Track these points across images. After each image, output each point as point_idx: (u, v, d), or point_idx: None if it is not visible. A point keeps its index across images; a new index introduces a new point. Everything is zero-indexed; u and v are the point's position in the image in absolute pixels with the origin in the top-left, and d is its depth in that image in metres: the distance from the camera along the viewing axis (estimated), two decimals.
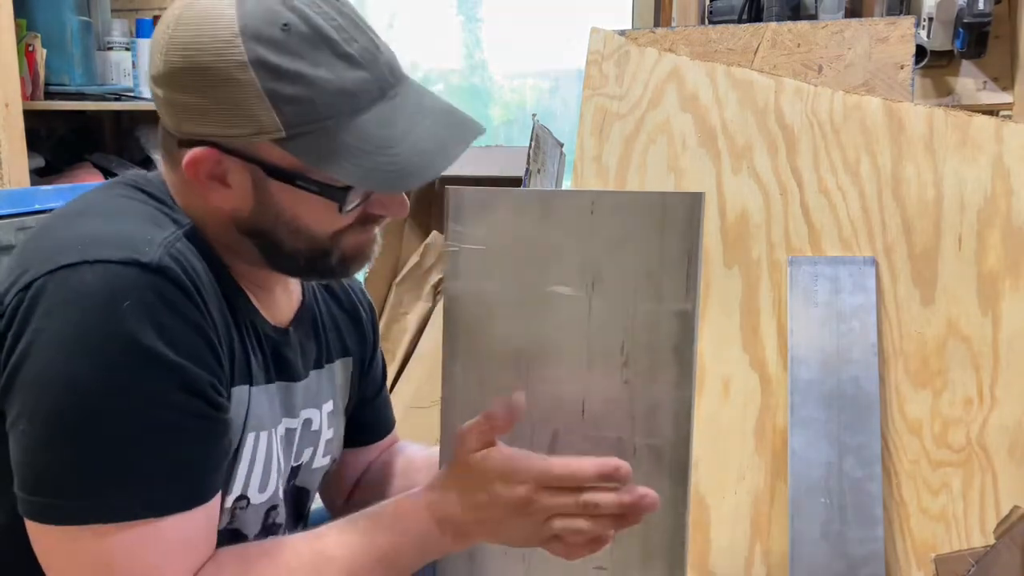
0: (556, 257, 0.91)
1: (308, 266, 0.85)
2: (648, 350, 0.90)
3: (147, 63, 0.81)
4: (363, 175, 0.77)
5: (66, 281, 0.71)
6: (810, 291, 1.39)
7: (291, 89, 0.75)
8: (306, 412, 0.95)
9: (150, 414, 0.72)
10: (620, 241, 0.90)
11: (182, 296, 0.74)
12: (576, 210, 0.91)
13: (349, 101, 0.77)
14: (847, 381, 1.35)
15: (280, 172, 0.78)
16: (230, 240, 0.84)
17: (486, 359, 0.94)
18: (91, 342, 0.70)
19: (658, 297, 0.89)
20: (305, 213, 0.81)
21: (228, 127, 0.76)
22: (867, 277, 1.37)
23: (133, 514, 0.71)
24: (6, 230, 1.75)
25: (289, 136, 0.76)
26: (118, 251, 0.72)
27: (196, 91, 0.76)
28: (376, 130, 0.77)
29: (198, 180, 0.79)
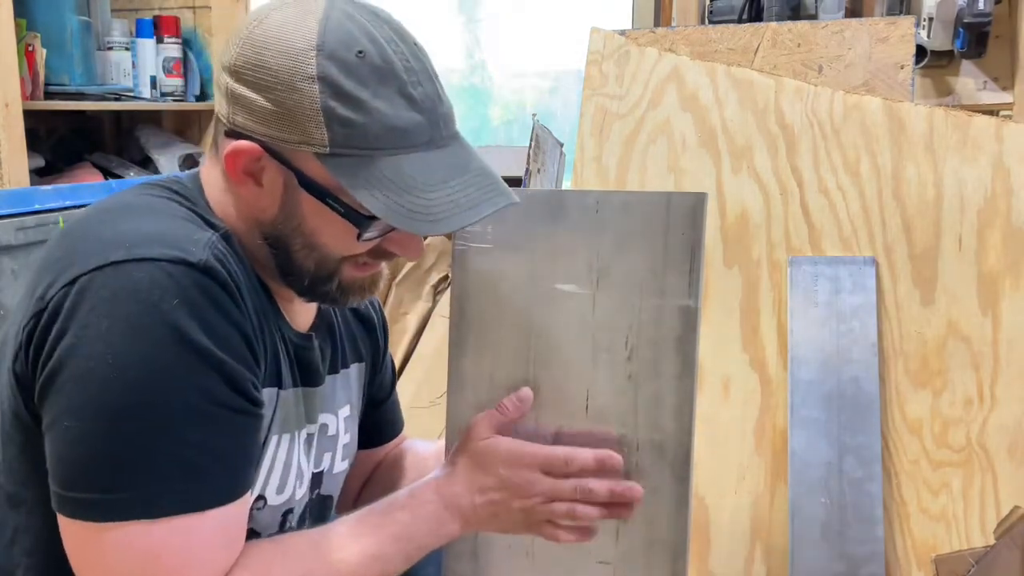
0: (562, 255, 0.93)
1: (310, 287, 0.86)
2: (652, 345, 0.91)
3: (223, 50, 0.84)
4: (389, 209, 0.77)
5: (114, 277, 0.73)
6: (810, 291, 1.39)
7: (347, 111, 0.77)
8: (323, 417, 0.96)
9: (197, 408, 0.73)
10: (625, 240, 0.92)
11: (226, 296, 0.76)
12: (582, 210, 0.93)
13: (398, 138, 0.79)
14: (847, 381, 1.35)
15: (313, 185, 0.80)
16: (252, 245, 0.86)
17: (492, 355, 0.96)
18: (140, 337, 0.72)
19: (662, 293, 0.91)
20: (324, 231, 0.83)
21: (277, 130, 0.79)
22: (867, 277, 1.37)
23: (178, 508, 0.72)
24: (6, 230, 1.75)
25: (331, 154, 0.78)
26: (166, 249, 0.74)
27: (258, 88, 0.79)
28: (414, 172, 0.79)
29: (234, 172, 0.81)
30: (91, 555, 0.74)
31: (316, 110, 0.77)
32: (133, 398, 0.71)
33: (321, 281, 0.86)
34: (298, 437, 0.90)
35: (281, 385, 0.86)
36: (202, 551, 0.74)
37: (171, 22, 2.61)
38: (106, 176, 2.50)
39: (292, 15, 0.79)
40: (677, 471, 0.91)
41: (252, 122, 0.80)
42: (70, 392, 0.72)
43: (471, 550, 0.98)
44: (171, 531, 0.73)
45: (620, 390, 0.92)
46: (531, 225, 0.94)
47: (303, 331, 0.94)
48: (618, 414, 0.92)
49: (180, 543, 0.73)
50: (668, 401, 0.92)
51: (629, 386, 0.92)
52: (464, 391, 0.97)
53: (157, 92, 2.60)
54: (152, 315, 0.72)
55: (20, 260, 1.79)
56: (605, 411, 0.92)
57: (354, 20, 0.79)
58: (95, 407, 0.71)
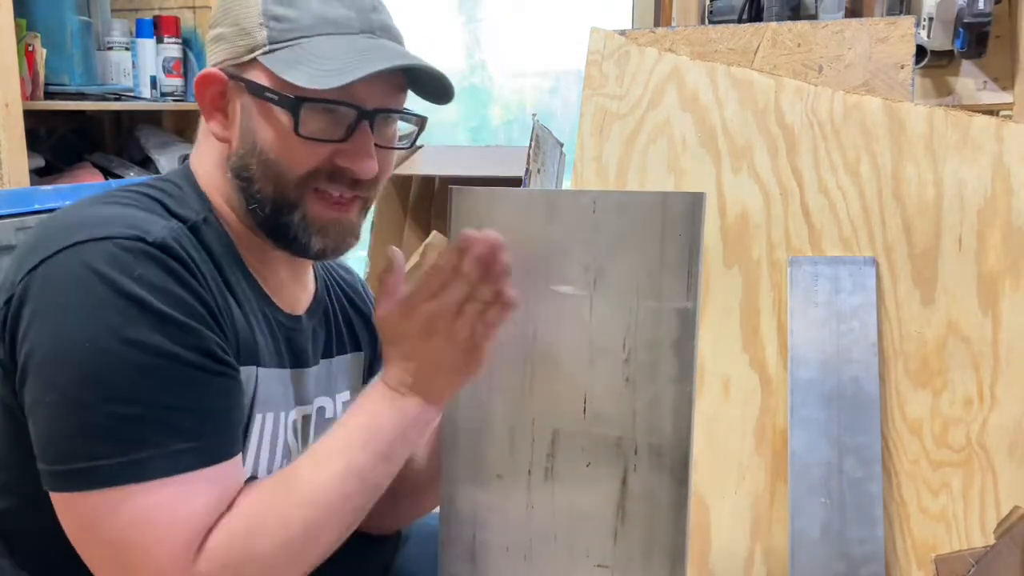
0: (559, 256, 0.92)
1: (273, 217, 0.87)
2: (649, 347, 0.90)
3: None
4: (313, 76, 0.82)
5: (74, 256, 0.75)
6: (810, 291, 1.39)
7: (282, 9, 0.84)
8: (319, 400, 0.97)
9: (172, 369, 0.75)
10: (622, 240, 0.91)
11: (182, 269, 0.78)
12: (578, 210, 0.92)
13: (327, 25, 0.84)
14: (847, 381, 1.35)
15: (256, 87, 0.84)
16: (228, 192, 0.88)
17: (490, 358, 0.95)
18: (102, 309, 0.74)
19: (659, 295, 0.90)
20: (267, 136, 0.85)
21: (233, 49, 0.85)
22: (867, 277, 1.37)
23: (165, 470, 0.74)
24: (6, 230, 1.75)
25: (269, 51, 0.83)
26: (123, 229, 0.77)
27: (221, 20, 0.87)
28: (336, 47, 0.84)
29: (205, 107, 0.87)
30: (86, 526, 0.75)
31: (257, 14, 0.84)
32: (108, 363, 0.73)
33: (283, 210, 0.87)
34: (285, 417, 0.91)
35: (260, 363, 0.86)
36: (198, 508, 0.75)
37: (171, 22, 2.61)
38: (106, 176, 2.50)
39: None
40: (676, 474, 0.91)
41: (217, 53, 0.87)
42: (48, 371, 0.74)
43: (468, 553, 0.98)
44: (161, 493, 0.73)
45: (618, 393, 0.91)
46: (526, 226, 0.93)
47: (295, 314, 0.94)
48: (616, 417, 0.92)
49: (174, 503, 0.74)
50: (666, 404, 0.91)
51: (627, 389, 0.91)
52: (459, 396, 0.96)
53: (157, 92, 2.60)
54: (112, 287, 0.74)
55: None
56: (603, 414, 0.91)
57: None
58: (72, 379, 0.73)
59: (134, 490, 0.73)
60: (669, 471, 0.91)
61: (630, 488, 0.92)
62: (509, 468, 0.96)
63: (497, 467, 0.96)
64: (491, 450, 0.96)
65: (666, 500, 0.91)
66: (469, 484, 0.97)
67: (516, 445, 0.95)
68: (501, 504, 0.97)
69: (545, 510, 0.95)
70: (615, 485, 0.93)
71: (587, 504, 0.94)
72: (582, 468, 0.94)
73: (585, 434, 0.92)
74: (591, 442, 0.93)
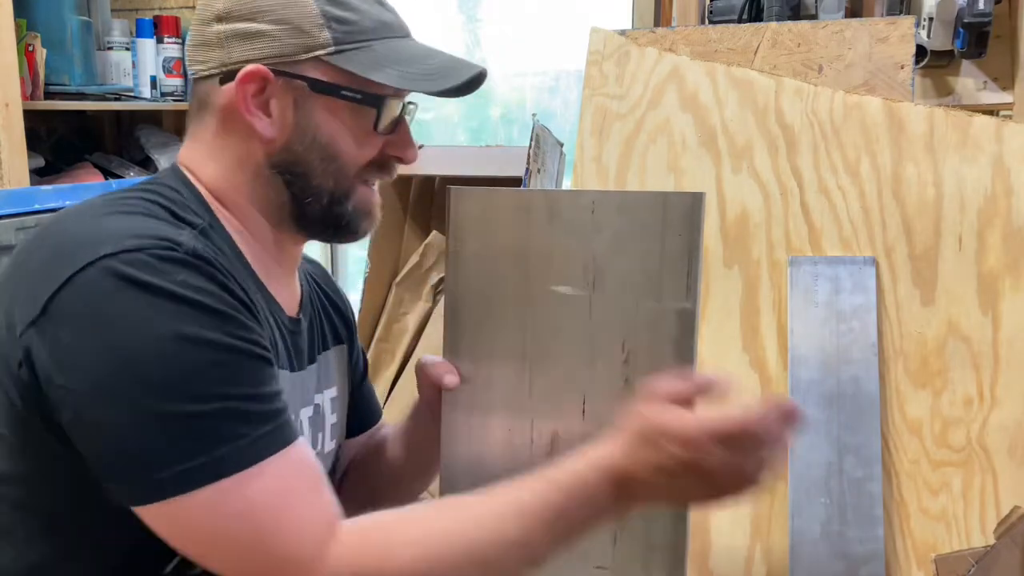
0: (558, 256, 0.92)
1: (328, 209, 0.90)
2: (649, 348, 0.90)
3: (201, 9, 0.89)
4: (405, 77, 0.86)
5: (107, 270, 0.73)
6: (810, 291, 1.39)
7: (342, 12, 0.86)
8: (317, 398, 0.99)
9: (236, 360, 0.75)
10: (621, 240, 0.90)
11: (219, 274, 0.78)
12: (578, 210, 0.92)
13: (387, 29, 0.89)
14: (847, 381, 1.34)
15: (326, 85, 0.86)
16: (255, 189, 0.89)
17: (488, 358, 0.95)
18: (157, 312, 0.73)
19: (659, 296, 0.90)
20: (340, 134, 0.88)
21: (282, 47, 0.85)
22: (867, 277, 1.37)
23: (246, 460, 0.73)
24: (6, 230, 1.75)
25: (337, 51, 0.85)
26: (154, 240, 0.76)
27: (256, 16, 0.85)
28: (408, 50, 0.89)
29: (244, 103, 0.85)
30: (186, 531, 0.74)
31: (316, 15, 0.85)
32: (169, 371, 0.72)
33: (338, 201, 0.90)
34: (297, 420, 0.91)
35: (279, 366, 0.87)
36: (289, 496, 0.75)
37: (171, 22, 2.61)
38: (106, 176, 2.50)
39: None
40: None
41: (253, 50, 0.86)
42: (104, 390, 0.72)
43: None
44: (248, 484, 0.73)
45: (617, 394, 0.90)
46: (525, 226, 0.93)
47: (293, 315, 0.95)
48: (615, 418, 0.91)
49: (262, 493, 0.74)
50: None
51: (626, 390, 0.90)
52: (459, 395, 0.96)
53: (157, 92, 2.60)
54: (157, 293, 0.73)
55: None
56: (602, 415, 0.91)
57: None
58: (136, 393, 0.72)
59: (241, 479, 0.72)
60: None
61: None
62: (508, 469, 0.95)
63: (496, 469, 0.95)
64: (490, 451, 0.96)
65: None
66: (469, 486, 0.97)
67: (515, 446, 0.95)
68: None
69: None
70: None
71: None
72: None
73: (584, 435, 0.91)
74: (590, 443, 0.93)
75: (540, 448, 0.95)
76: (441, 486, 0.99)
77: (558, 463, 0.80)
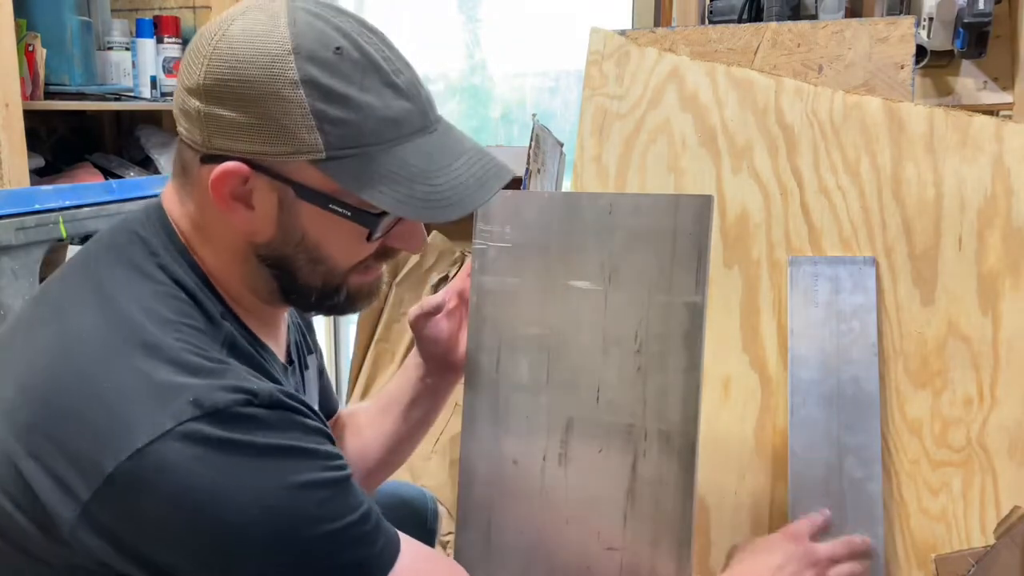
0: (576, 254, 0.99)
1: (317, 302, 0.86)
2: (660, 339, 0.96)
3: (182, 74, 0.79)
4: (401, 202, 0.76)
5: (193, 435, 0.70)
6: (810, 291, 1.39)
7: (338, 111, 0.74)
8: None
9: (339, 488, 0.76)
10: (635, 239, 0.97)
11: (294, 413, 0.77)
12: (596, 211, 0.99)
13: (392, 129, 0.77)
14: (847, 381, 1.35)
15: (313, 194, 0.77)
16: (244, 271, 0.84)
17: (509, 348, 1.00)
18: (260, 468, 0.72)
19: (670, 290, 0.96)
20: (329, 240, 0.81)
21: (265, 144, 0.75)
22: (867, 277, 1.37)
23: (393, 557, 0.78)
24: (6, 230, 1.76)
25: (329, 158, 0.75)
26: (227, 395, 0.72)
27: (238, 105, 0.74)
28: (416, 160, 0.77)
29: (220, 198, 0.78)
30: None
31: (306, 115, 0.74)
32: (289, 521, 0.72)
33: (328, 295, 0.85)
34: None
35: None
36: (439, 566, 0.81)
37: (171, 22, 2.62)
38: (106, 176, 2.50)
39: (255, 23, 0.75)
40: (683, 460, 0.95)
41: (235, 141, 0.76)
42: (225, 557, 0.71)
43: (484, 536, 1.01)
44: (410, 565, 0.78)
45: (629, 382, 0.97)
46: (547, 225, 1.01)
47: (283, 358, 0.95)
48: (627, 405, 0.97)
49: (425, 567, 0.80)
50: (675, 393, 0.96)
51: (638, 378, 0.96)
52: (479, 382, 1.02)
53: (157, 92, 2.60)
54: (247, 454, 0.71)
55: (20, 260, 1.80)
56: (615, 402, 0.97)
57: (320, 18, 0.77)
58: (261, 550, 0.72)
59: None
60: (677, 457, 0.96)
61: (640, 473, 0.96)
62: (524, 454, 1.01)
63: (513, 453, 1.01)
64: (507, 437, 1.02)
65: (674, 485, 0.95)
66: (486, 470, 1.02)
67: (532, 432, 1.00)
68: (516, 489, 1.01)
69: (558, 495, 0.99)
70: (626, 470, 0.97)
71: (599, 489, 0.98)
72: (594, 454, 0.98)
73: (598, 421, 0.98)
74: (603, 429, 0.99)
75: (555, 434, 1.00)
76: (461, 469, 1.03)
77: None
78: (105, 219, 2.02)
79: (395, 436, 1.12)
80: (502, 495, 1.02)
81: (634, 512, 0.97)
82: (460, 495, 1.03)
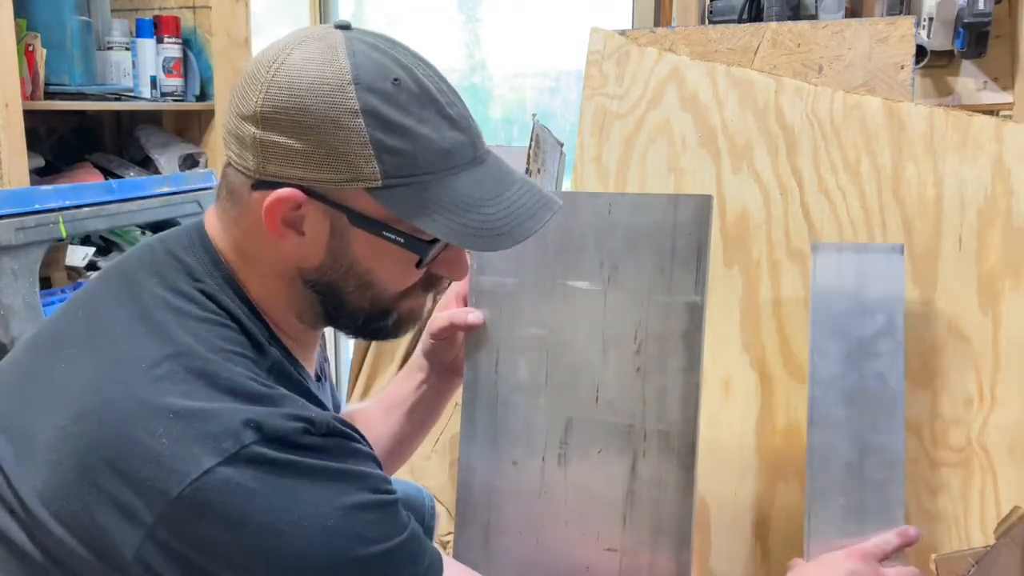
0: (576, 253, 0.98)
1: (365, 325, 0.88)
2: (659, 339, 0.96)
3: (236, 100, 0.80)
4: (454, 231, 0.78)
5: (253, 461, 0.72)
6: (834, 280, 1.30)
7: (396, 141, 0.76)
8: None
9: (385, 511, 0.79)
10: (635, 239, 0.96)
11: (350, 441, 0.80)
12: (594, 211, 0.98)
13: (446, 160, 0.78)
14: (871, 376, 1.27)
15: (367, 221, 0.79)
16: (290, 296, 0.85)
17: (507, 348, 1.00)
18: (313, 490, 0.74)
19: (669, 290, 0.95)
20: (380, 267, 0.82)
21: (321, 171, 0.76)
22: (895, 266, 1.28)
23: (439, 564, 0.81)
24: (6, 230, 1.76)
25: (384, 186, 0.77)
26: (287, 422, 0.75)
27: (296, 132, 0.76)
28: (467, 190, 0.79)
29: (272, 224, 0.79)
30: None
31: (365, 144, 0.75)
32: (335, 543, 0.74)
33: (376, 318, 0.87)
34: None
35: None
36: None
37: (171, 22, 2.62)
38: (106, 176, 2.50)
39: (315, 53, 0.77)
40: (682, 460, 0.95)
41: (291, 168, 0.77)
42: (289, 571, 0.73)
43: (483, 536, 1.01)
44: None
45: (629, 382, 0.96)
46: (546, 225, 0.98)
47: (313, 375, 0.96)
48: (627, 405, 0.97)
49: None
50: (674, 393, 0.96)
51: (637, 379, 0.96)
52: (479, 383, 1.02)
53: (157, 92, 2.60)
54: (306, 473, 0.74)
55: (20, 260, 1.80)
56: (614, 402, 0.97)
57: (378, 49, 0.78)
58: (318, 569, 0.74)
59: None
60: (676, 457, 0.95)
61: (639, 473, 0.96)
62: (524, 455, 1.00)
63: (513, 454, 1.01)
64: (507, 438, 1.01)
65: (673, 485, 0.95)
66: (485, 470, 1.01)
67: (531, 433, 1.00)
68: (515, 489, 1.00)
69: (558, 495, 0.98)
70: (625, 470, 0.96)
71: (598, 489, 0.97)
72: (594, 454, 0.97)
73: (597, 422, 0.98)
74: (603, 429, 0.98)
75: (555, 434, 1.00)
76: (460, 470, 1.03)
77: None
78: (105, 219, 2.02)
79: (398, 437, 1.13)
80: (501, 496, 1.01)
81: (633, 513, 0.96)
82: (459, 496, 1.03)
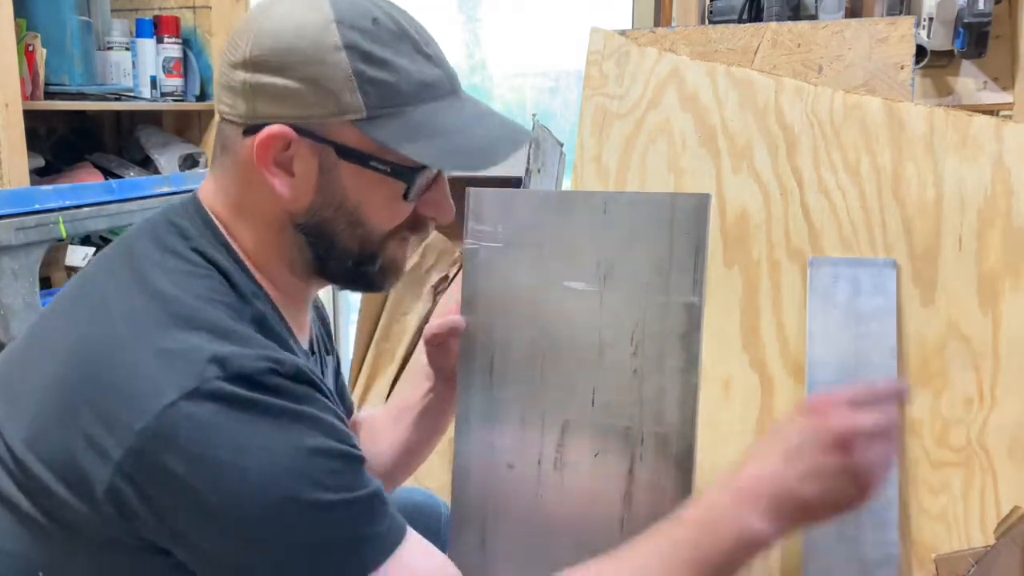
0: (571, 254, 0.97)
1: (353, 269, 0.89)
2: (656, 340, 0.94)
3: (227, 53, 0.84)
4: (439, 154, 0.82)
5: (213, 396, 0.73)
6: (829, 293, 1.37)
7: (377, 73, 0.80)
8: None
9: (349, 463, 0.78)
10: (632, 239, 0.95)
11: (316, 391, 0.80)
12: (590, 210, 0.96)
13: (426, 90, 0.83)
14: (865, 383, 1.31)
15: (354, 153, 0.82)
16: (281, 243, 0.87)
17: (502, 350, 0.98)
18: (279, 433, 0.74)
19: (667, 291, 0.94)
20: (369, 201, 0.85)
21: (308, 107, 0.80)
22: (887, 279, 1.35)
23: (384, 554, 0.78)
24: (6, 230, 1.75)
25: (369, 117, 0.80)
26: (256, 363, 0.75)
27: (283, 71, 0.80)
28: (448, 118, 0.83)
29: (266, 162, 0.82)
30: None
31: (348, 76, 0.79)
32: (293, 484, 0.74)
33: (364, 262, 0.88)
34: None
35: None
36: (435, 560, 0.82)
37: (171, 22, 2.61)
38: (106, 176, 2.50)
39: (300, 2, 0.82)
40: (681, 462, 0.93)
41: (279, 107, 0.81)
42: (247, 521, 0.73)
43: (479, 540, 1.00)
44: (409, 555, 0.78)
45: (626, 384, 0.95)
46: (541, 224, 0.98)
47: (306, 347, 0.96)
48: (624, 408, 0.95)
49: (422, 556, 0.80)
50: (672, 395, 0.94)
51: (634, 380, 0.94)
52: (474, 386, 1.00)
53: (157, 92, 2.60)
54: (267, 411, 0.74)
55: (20, 260, 1.79)
56: (611, 404, 0.95)
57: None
58: (267, 519, 0.73)
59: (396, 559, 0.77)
60: (674, 460, 0.94)
61: (636, 476, 0.95)
62: (520, 458, 0.99)
63: (508, 457, 0.99)
64: (503, 441, 1.00)
65: (671, 488, 0.93)
66: (481, 474, 1.00)
67: (527, 436, 0.98)
68: (512, 493, 0.99)
69: (554, 499, 0.97)
70: (622, 474, 0.95)
71: (595, 492, 0.96)
72: (590, 457, 0.96)
73: (594, 424, 0.96)
74: (599, 432, 0.96)
75: (551, 437, 0.98)
76: (454, 474, 1.02)
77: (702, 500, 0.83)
78: (105, 219, 2.02)
79: (407, 444, 1.13)
80: (497, 499, 1.00)
81: (631, 517, 0.95)
82: (454, 499, 1.02)
